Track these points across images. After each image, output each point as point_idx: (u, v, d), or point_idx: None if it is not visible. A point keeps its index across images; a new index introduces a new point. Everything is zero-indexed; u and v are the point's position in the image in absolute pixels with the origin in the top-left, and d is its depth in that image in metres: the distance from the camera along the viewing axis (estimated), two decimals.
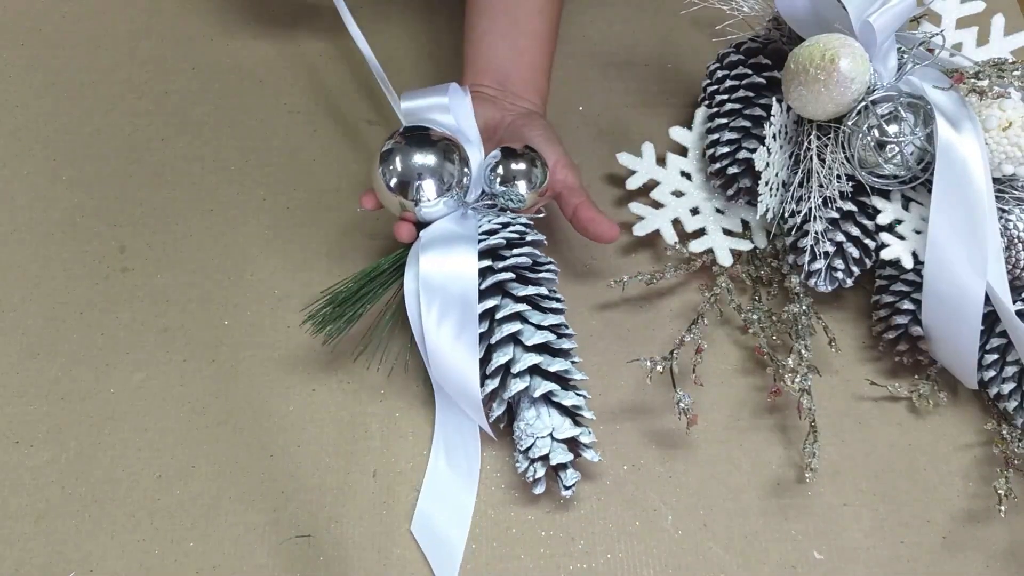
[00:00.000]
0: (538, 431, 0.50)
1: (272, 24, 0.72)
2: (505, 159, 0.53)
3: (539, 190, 0.53)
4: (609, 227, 0.54)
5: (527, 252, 0.52)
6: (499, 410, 0.51)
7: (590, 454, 0.51)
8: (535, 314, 0.51)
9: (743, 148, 0.57)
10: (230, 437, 0.54)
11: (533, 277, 0.53)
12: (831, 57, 0.51)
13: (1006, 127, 0.51)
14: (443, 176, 0.52)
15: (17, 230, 0.62)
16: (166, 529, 0.51)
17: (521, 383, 0.50)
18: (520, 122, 0.57)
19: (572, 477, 0.50)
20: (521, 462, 0.51)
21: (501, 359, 0.50)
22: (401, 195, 0.52)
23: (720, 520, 0.52)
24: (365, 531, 0.51)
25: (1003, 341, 0.53)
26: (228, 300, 0.59)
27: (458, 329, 0.50)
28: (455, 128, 0.55)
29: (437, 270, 0.51)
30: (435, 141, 0.52)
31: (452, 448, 0.53)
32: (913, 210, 0.55)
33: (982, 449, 0.55)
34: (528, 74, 0.59)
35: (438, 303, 0.50)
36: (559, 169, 0.55)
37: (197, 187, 0.64)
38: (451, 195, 0.53)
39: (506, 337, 0.50)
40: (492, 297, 0.51)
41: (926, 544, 0.52)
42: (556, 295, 0.53)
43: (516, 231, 0.53)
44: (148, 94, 0.68)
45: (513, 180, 0.53)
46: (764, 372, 0.57)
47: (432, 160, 0.52)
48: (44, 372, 0.56)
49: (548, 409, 0.50)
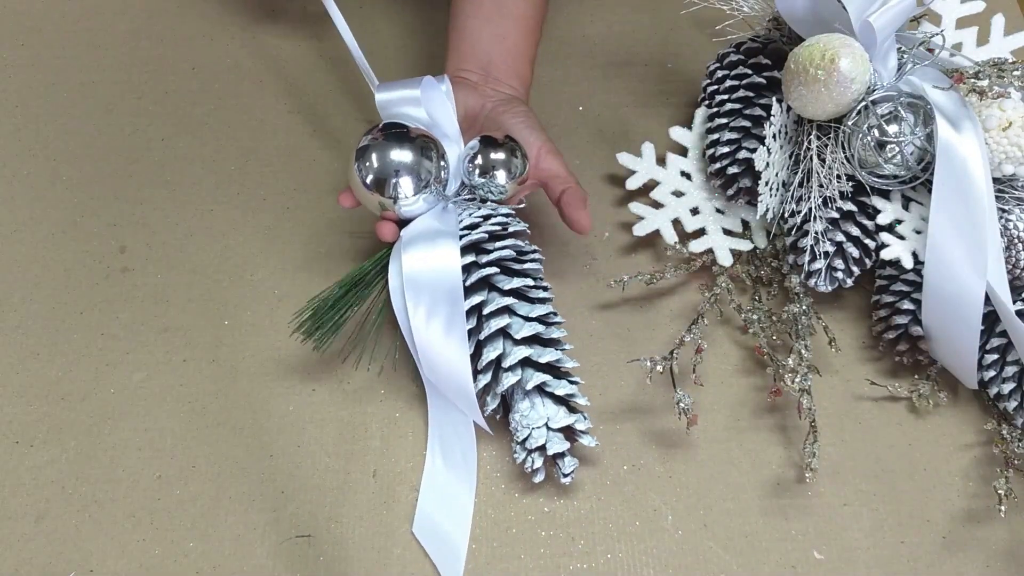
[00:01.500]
0: (533, 422, 0.50)
1: (272, 24, 0.72)
2: (484, 149, 0.52)
3: (519, 179, 0.53)
4: (581, 216, 0.53)
5: (510, 244, 0.52)
6: (493, 404, 0.51)
7: (587, 439, 0.51)
8: (523, 306, 0.51)
9: (743, 148, 0.57)
10: (230, 437, 0.54)
11: (518, 268, 0.52)
12: (831, 57, 0.51)
13: (1006, 127, 0.51)
14: (420, 173, 0.51)
15: (17, 230, 0.62)
16: (166, 529, 0.51)
17: (513, 377, 0.50)
18: (501, 108, 0.56)
19: (570, 464, 0.50)
20: (519, 453, 0.51)
21: (491, 354, 0.50)
22: (378, 193, 0.51)
23: (720, 520, 0.52)
24: (365, 531, 0.51)
25: (1003, 341, 0.53)
26: (228, 300, 0.59)
27: (447, 326, 0.49)
28: (427, 122, 0.55)
29: (421, 267, 0.50)
30: (412, 138, 0.51)
31: (448, 446, 0.53)
32: (913, 210, 0.55)
33: (982, 449, 0.55)
34: (511, 60, 0.59)
35: (425, 301, 0.50)
36: (543, 156, 0.55)
37: (197, 187, 0.64)
38: (430, 191, 0.52)
39: (495, 332, 0.50)
40: (478, 292, 0.51)
41: (926, 544, 0.52)
42: (542, 283, 0.53)
43: (498, 223, 0.52)
44: (148, 94, 0.68)
45: (492, 170, 0.52)
46: (764, 372, 0.57)
47: (409, 157, 0.51)
48: (44, 372, 0.56)
49: (542, 399, 0.50)
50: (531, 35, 0.60)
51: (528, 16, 0.59)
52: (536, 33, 0.60)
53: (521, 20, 0.59)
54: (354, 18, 0.60)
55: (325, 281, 0.56)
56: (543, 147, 0.55)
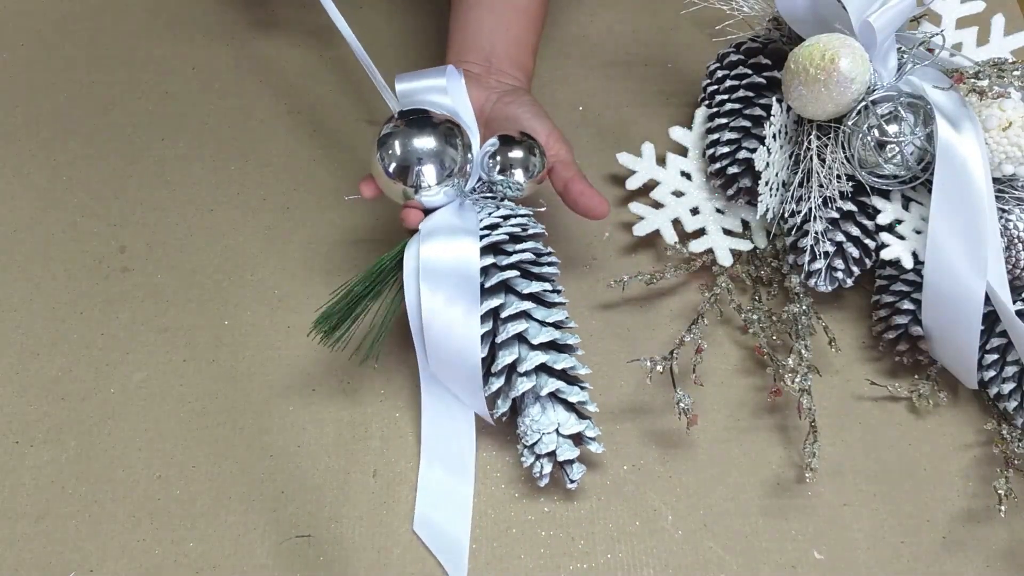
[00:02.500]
0: (544, 427, 0.49)
1: (272, 24, 0.72)
2: (503, 147, 0.52)
3: (537, 177, 0.52)
4: (599, 202, 0.53)
5: (530, 247, 0.51)
6: (504, 408, 0.51)
7: (595, 446, 0.51)
8: (540, 310, 0.51)
9: (743, 148, 0.57)
10: (230, 437, 0.54)
11: (537, 272, 0.52)
12: (831, 57, 0.51)
13: (1006, 127, 0.51)
14: (444, 161, 0.50)
15: (17, 230, 0.62)
16: (166, 529, 0.51)
17: (528, 382, 0.49)
18: (507, 99, 0.56)
19: (579, 471, 0.50)
20: (527, 457, 0.50)
21: (507, 358, 0.49)
22: (401, 181, 0.50)
23: (720, 520, 0.52)
24: (365, 531, 0.51)
25: (1003, 341, 0.53)
26: (228, 300, 0.59)
27: (466, 312, 0.49)
28: (453, 110, 0.54)
29: (440, 257, 0.49)
30: (436, 124, 0.50)
31: (444, 443, 0.53)
32: (913, 210, 0.55)
33: (982, 449, 0.55)
34: (514, 50, 0.58)
35: (443, 287, 0.49)
36: (551, 143, 0.54)
37: (197, 187, 0.64)
38: (451, 182, 0.51)
39: (512, 337, 0.50)
40: (496, 295, 0.50)
41: (926, 544, 0.52)
42: (558, 287, 0.53)
43: (518, 224, 0.51)
44: (148, 94, 0.68)
45: (511, 168, 0.51)
46: (764, 372, 0.57)
47: (433, 144, 0.50)
48: (44, 372, 0.56)
49: (553, 405, 0.50)
50: (533, 25, 0.60)
51: (530, 6, 0.59)
52: (538, 22, 0.60)
53: (523, 10, 0.59)
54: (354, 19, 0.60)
55: (325, 281, 0.56)
56: (551, 134, 0.55)
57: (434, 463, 0.53)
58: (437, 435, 0.53)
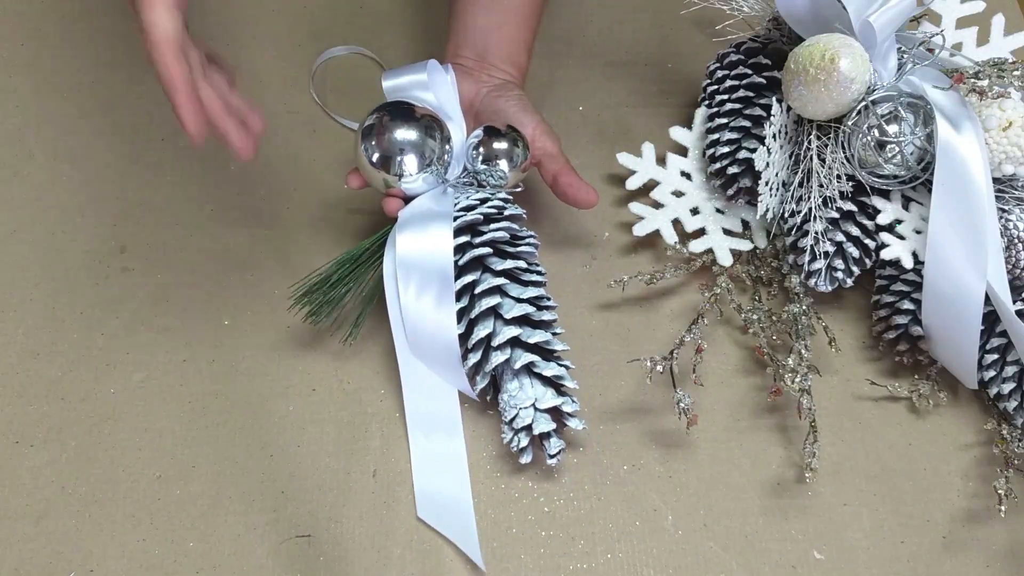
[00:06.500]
0: (521, 402, 0.50)
1: (272, 25, 0.72)
2: (487, 138, 0.54)
3: (520, 167, 0.54)
4: (587, 191, 0.55)
5: (504, 227, 0.53)
6: (483, 383, 0.52)
7: (574, 422, 0.51)
8: (514, 287, 0.52)
9: (743, 148, 0.57)
10: (230, 437, 0.54)
11: (512, 251, 0.53)
12: (831, 57, 0.51)
13: (1006, 127, 0.51)
14: (424, 151, 0.53)
15: (17, 230, 0.62)
16: (166, 529, 0.51)
17: (502, 355, 0.50)
18: (495, 93, 0.57)
19: (556, 445, 0.51)
20: (506, 433, 0.51)
21: (481, 332, 0.51)
22: (384, 170, 0.53)
23: (720, 520, 0.52)
24: (365, 531, 0.51)
25: (1003, 341, 0.53)
26: (228, 300, 0.59)
27: (437, 300, 0.51)
28: (435, 105, 0.56)
29: (413, 249, 0.51)
30: (417, 116, 0.53)
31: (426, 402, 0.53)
32: (913, 210, 0.55)
33: (982, 449, 0.55)
34: (507, 47, 0.59)
35: (415, 279, 0.51)
36: (538, 136, 0.56)
37: (197, 187, 0.64)
38: (431, 171, 0.53)
39: (486, 311, 0.51)
40: (471, 272, 0.52)
41: (926, 544, 0.52)
42: (536, 267, 0.54)
43: (494, 206, 0.53)
44: (148, 94, 0.68)
45: (495, 159, 0.54)
46: (764, 372, 0.57)
47: (414, 135, 0.53)
48: (44, 372, 0.56)
49: (531, 380, 0.51)
50: (528, 22, 0.61)
51: (525, 4, 0.60)
52: (533, 20, 0.61)
53: (518, 8, 0.60)
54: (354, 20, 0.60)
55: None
56: (537, 127, 0.56)
57: (421, 430, 0.53)
58: (419, 401, 0.54)
